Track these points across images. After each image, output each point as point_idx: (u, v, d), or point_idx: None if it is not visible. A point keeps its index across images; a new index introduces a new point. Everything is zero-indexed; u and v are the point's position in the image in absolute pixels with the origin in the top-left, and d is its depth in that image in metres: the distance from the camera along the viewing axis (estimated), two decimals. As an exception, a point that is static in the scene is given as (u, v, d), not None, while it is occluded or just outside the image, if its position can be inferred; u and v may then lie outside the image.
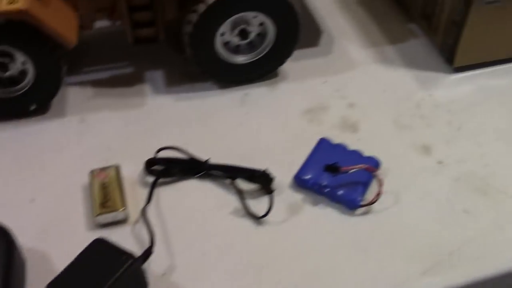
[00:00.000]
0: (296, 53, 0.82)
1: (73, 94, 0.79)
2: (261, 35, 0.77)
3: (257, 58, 0.78)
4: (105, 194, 0.64)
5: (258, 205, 0.65)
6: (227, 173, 0.67)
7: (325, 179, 0.66)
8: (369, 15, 0.94)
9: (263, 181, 0.66)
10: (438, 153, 0.72)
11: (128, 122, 0.75)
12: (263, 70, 0.80)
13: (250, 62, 0.78)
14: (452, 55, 0.82)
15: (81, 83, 0.80)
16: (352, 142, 0.72)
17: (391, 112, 0.77)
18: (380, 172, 0.68)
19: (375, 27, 0.92)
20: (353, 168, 0.65)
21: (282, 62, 0.80)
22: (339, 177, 0.65)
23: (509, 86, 0.81)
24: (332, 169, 0.65)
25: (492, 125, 0.76)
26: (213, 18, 0.72)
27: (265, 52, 0.78)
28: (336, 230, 0.64)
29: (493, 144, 0.73)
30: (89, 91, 0.79)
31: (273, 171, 0.67)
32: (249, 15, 0.74)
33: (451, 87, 0.81)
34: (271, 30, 0.76)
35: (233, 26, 0.75)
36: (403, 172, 0.70)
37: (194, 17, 0.71)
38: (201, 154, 0.69)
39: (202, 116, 0.76)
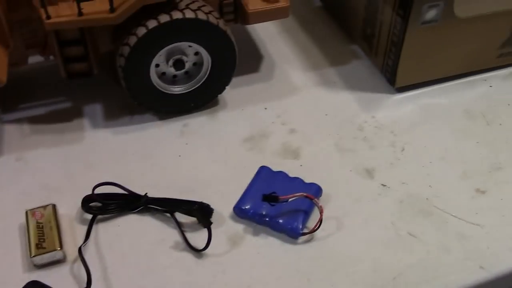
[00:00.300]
0: (236, 80, 0.81)
1: (9, 132, 0.77)
2: (197, 65, 0.76)
3: (195, 87, 0.77)
4: (41, 234, 0.63)
5: (200, 237, 0.64)
6: (165, 207, 0.66)
7: (265, 209, 0.65)
8: (310, 38, 0.93)
9: (201, 213, 0.65)
10: (381, 175, 0.72)
11: (67, 158, 0.74)
12: (202, 99, 0.79)
13: (188, 92, 0.77)
14: (393, 76, 0.82)
15: (18, 121, 0.78)
16: (294, 169, 0.71)
17: (333, 136, 0.77)
18: (321, 199, 0.67)
19: (316, 50, 0.91)
20: (292, 197, 0.64)
21: (221, 90, 0.79)
22: (279, 206, 0.64)
23: (451, 104, 0.81)
24: (270, 198, 0.64)
25: (435, 144, 0.75)
26: (146, 50, 0.71)
27: (202, 81, 0.76)
28: (278, 260, 0.63)
29: (436, 164, 0.73)
30: (26, 128, 0.77)
31: (214, 202, 0.66)
32: (183, 44, 0.73)
33: (394, 108, 0.81)
34: (206, 59, 0.75)
35: (168, 57, 0.74)
36: (346, 196, 0.69)
37: (126, 50, 0.70)
38: (141, 188, 0.68)
39: (142, 149, 0.75)
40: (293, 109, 0.80)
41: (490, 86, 0.84)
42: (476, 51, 0.83)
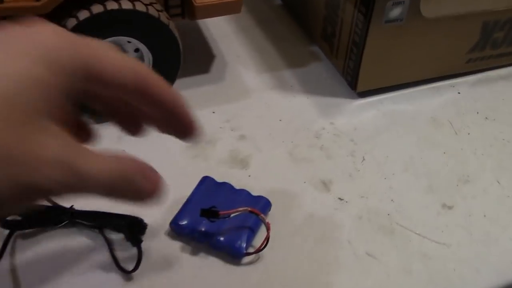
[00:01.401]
0: (183, 81, 0.78)
1: None
2: (137, 63, 0.70)
3: (135, 88, 0.70)
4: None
5: (132, 257, 0.58)
6: (93, 222, 0.60)
7: (205, 225, 0.59)
8: (267, 38, 0.89)
9: (130, 229, 0.59)
10: (339, 188, 0.67)
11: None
12: (143, 101, 0.72)
13: (127, 93, 0.70)
14: (354, 79, 0.78)
15: None
16: (241, 179, 0.66)
17: (287, 144, 0.72)
18: (269, 214, 0.63)
19: (273, 51, 0.87)
20: (234, 212, 0.58)
21: (164, 91, 0.72)
22: (221, 222, 0.58)
23: (416, 111, 0.78)
24: (209, 213, 0.57)
25: (399, 154, 0.72)
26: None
27: (143, 81, 0.70)
28: (219, 283, 0.57)
29: (400, 176, 0.69)
30: None
31: (149, 216, 0.60)
32: (121, 39, 0.67)
33: (354, 114, 0.77)
34: (147, 56, 0.70)
35: (104, 53, 0.67)
36: (298, 211, 0.64)
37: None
38: (68, 200, 0.61)
39: (74, 156, 0.68)
40: (244, 114, 0.76)
41: (458, 93, 0.82)
42: (444, 54, 0.80)
